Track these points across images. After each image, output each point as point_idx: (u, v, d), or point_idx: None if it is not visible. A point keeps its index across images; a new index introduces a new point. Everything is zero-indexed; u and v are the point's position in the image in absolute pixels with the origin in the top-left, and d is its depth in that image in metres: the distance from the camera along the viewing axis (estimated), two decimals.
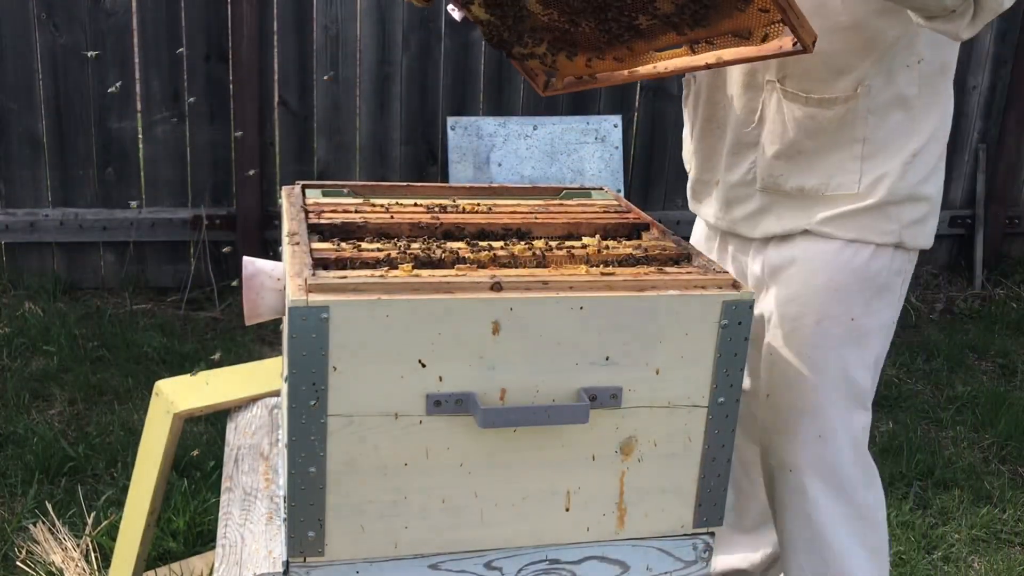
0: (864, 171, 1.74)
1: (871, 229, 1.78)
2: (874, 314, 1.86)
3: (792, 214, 1.81)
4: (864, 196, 1.76)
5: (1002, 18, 4.96)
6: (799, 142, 1.76)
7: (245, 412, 2.11)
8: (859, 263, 1.80)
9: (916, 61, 1.72)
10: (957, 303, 4.97)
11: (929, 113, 1.77)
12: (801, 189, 1.79)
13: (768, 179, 1.82)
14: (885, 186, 1.75)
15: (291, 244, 1.52)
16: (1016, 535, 3.13)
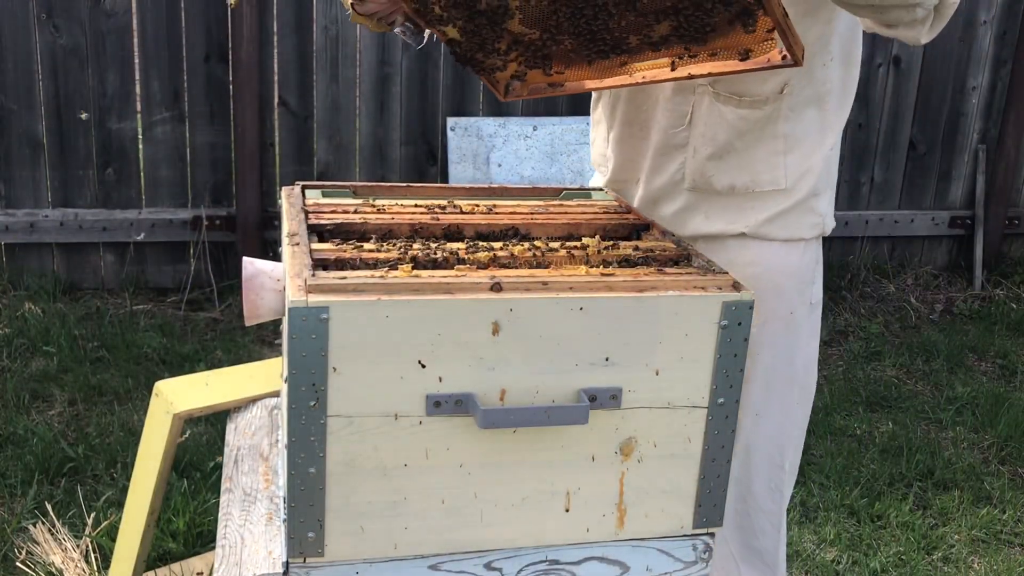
0: (788, 166, 1.78)
1: (801, 224, 1.82)
2: (807, 303, 1.88)
3: (722, 214, 1.82)
4: (792, 192, 1.80)
5: (1002, 18, 4.96)
6: (730, 142, 1.78)
7: (245, 412, 2.11)
8: (794, 260, 1.84)
9: (830, 59, 1.76)
10: (957, 304, 4.97)
11: (840, 108, 1.82)
12: (732, 187, 1.80)
13: (699, 179, 1.82)
14: (809, 182, 1.80)
15: (291, 245, 1.52)
16: (1016, 536, 3.13)
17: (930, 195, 5.18)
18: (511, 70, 1.73)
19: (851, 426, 3.73)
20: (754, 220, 1.81)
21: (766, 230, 1.81)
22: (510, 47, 1.67)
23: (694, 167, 1.81)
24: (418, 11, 1.66)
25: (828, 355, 4.38)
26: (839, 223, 5.03)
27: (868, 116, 4.98)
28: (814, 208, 1.83)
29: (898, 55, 4.91)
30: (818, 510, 3.18)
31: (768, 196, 1.80)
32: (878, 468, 3.43)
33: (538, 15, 1.58)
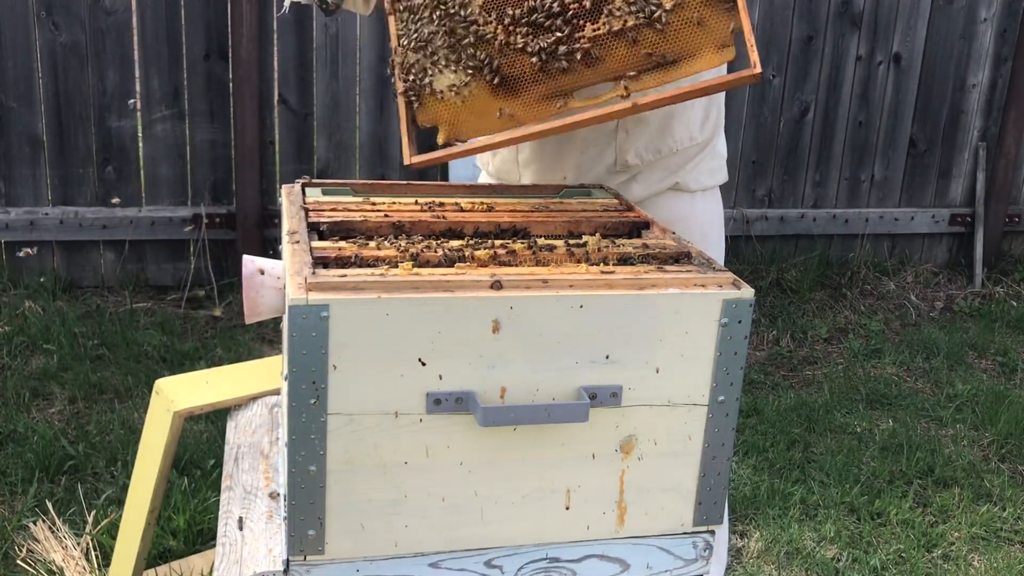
0: (699, 121, 2.00)
1: (713, 170, 2.05)
2: (723, 251, 2.11)
3: (655, 176, 2.00)
4: (704, 142, 2.02)
5: (1002, 16, 4.96)
6: (655, 118, 1.95)
7: (245, 410, 2.11)
8: (712, 208, 2.07)
9: None
10: (957, 301, 4.97)
11: None
12: (659, 152, 1.98)
13: (632, 158, 1.99)
14: (710, 126, 2.03)
15: (291, 243, 1.52)
16: (1016, 533, 3.13)
17: (930, 193, 5.18)
18: (449, 80, 1.60)
19: (851, 424, 3.73)
20: (681, 174, 2.01)
21: (688, 180, 2.01)
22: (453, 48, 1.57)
23: (625, 148, 1.97)
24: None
25: (828, 352, 4.38)
26: (839, 220, 5.08)
27: (868, 114, 4.97)
28: (717, 149, 2.06)
29: (898, 52, 4.91)
30: (818, 508, 3.18)
31: (686, 150, 2.00)
32: (878, 466, 3.43)
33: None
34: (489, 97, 1.59)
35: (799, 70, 4.83)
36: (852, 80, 4.91)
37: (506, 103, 1.59)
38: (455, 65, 1.56)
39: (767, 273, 4.87)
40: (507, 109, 1.59)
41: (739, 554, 2.95)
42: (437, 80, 1.58)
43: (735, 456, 3.40)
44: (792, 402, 3.85)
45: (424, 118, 1.63)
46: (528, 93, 1.58)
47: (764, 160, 4.91)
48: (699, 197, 2.06)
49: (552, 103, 1.59)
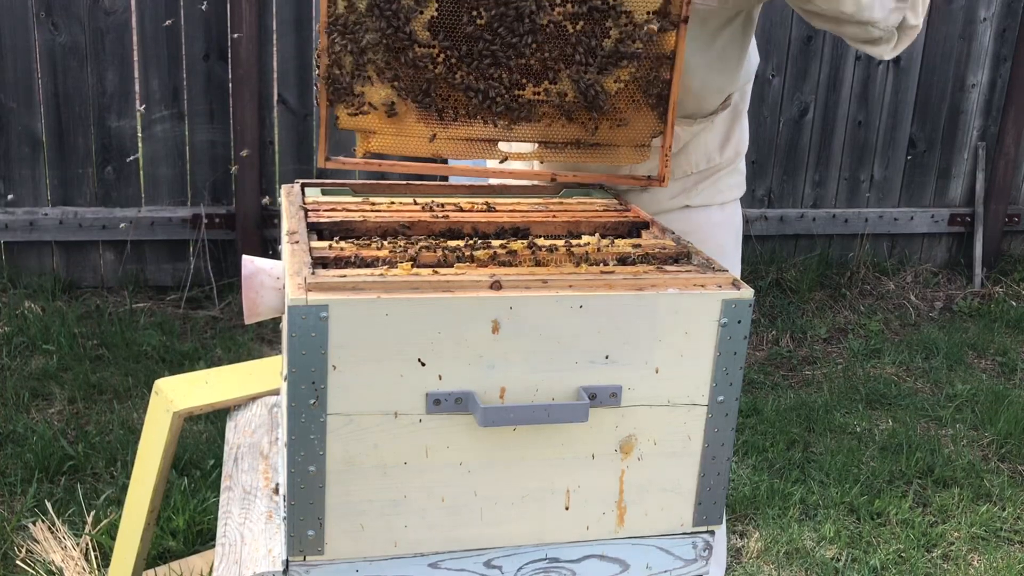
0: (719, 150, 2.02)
1: (731, 185, 2.06)
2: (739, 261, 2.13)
3: (670, 191, 1.99)
4: (725, 163, 2.03)
5: (1002, 15, 4.96)
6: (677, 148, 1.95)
7: (245, 411, 2.11)
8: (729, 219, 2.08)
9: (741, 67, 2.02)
10: (956, 301, 4.97)
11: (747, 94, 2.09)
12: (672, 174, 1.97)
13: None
14: (733, 149, 2.04)
15: (290, 243, 1.52)
16: (1016, 533, 3.13)
17: (930, 193, 5.18)
18: (381, 94, 1.53)
19: (851, 424, 3.73)
20: (696, 191, 2.00)
21: (706, 197, 2.01)
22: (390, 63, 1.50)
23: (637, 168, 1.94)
24: None
25: (828, 352, 4.38)
26: (839, 220, 5.07)
27: (868, 114, 4.98)
28: (738, 167, 2.07)
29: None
30: (818, 508, 3.18)
31: (703, 172, 2.00)
32: (878, 466, 3.43)
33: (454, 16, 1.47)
34: (415, 121, 1.54)
35: (798, 70, 4.83)
36: (851, 80, 4.91)
37: (431, 131, 1.55)
38: (389, 82, 1.51)
39: (767, 273, 4.87)
40: (433, 136, 1.55)
41: (739, 554, 2.95)
42: (369, 91, 1.51)
43: (735, 456, 3.40)
44: (792, 402, 3.85)
45: (346, 123, 1.55)
46: (455, 129, 1.53)
47: (764, 160, 4.91)
48: (715, 211, 2.05)
49: (475, 145, 1.56)
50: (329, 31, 1.46)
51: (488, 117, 1.53)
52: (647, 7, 1.50)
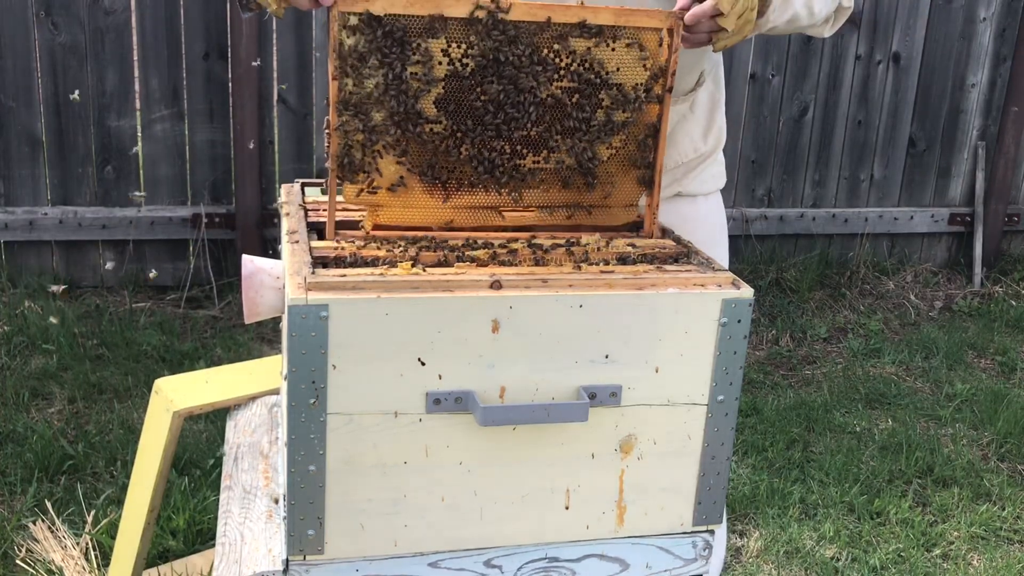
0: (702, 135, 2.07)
1: (715, 175, 2.10)
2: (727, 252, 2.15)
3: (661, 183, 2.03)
4: (708, 152, 2.08)
5: (1002, 15, 4.96)
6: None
7: (245, 410, 2.11)
8: (715, 210, 2.12)
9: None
10: (956, 301, 4.98)
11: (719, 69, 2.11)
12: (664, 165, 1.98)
13: None
14: (713, 138, 2.08)
15: (291, 242, 1.52)
16: (1015, 532, 3.14)
17: (929, 192, 5.18)
18: (390, 172, 1.57)
19: (850, 423, 3.73)
20: (684, 182, 2.05)
21: (692, 187, 2.06)
22: (399, 140, 1.55)
23: None
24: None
25: (828, 352, 4.38)
26: (839, 220, 5.08)
27: (867, 113, 4.98)
28: (719, 158, 2.12)
29: (898, 52, 4.91)
30: (817, 507, 3.18)
31: (690, 161, 2.06)
32: (877, 465, 3.44)
33: (461, 93, 1.55)
34: (421, 192, 1.60)
35: (798, 69, 4.83)
36: (851, 79, 4.91)
37: (437, 202, 1.61)
38: (397, 158, 1.56)
39: (766, 272, 4.87)
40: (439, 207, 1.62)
41: (738, 553, 2.95)
42: (378, 169, 1.56)
43: (734, 455, 3.40)
44: (791, 401, 3.85)
45: (354, 200, 1.59)
46: (460, 198, 1.61)
47: (763, 160, 4.91)
48: (702, 201, 2.09)
49: (479, 212, 1.64)
50: (340, 111, 1.52)
51: (491, 185, 1.61)
52: (635, 80, 1.62)
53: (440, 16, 1.51)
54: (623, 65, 1.61)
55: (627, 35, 1.59)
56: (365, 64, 1.50)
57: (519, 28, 1.54)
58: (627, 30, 1.59)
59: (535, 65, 1.56)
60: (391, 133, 1.54)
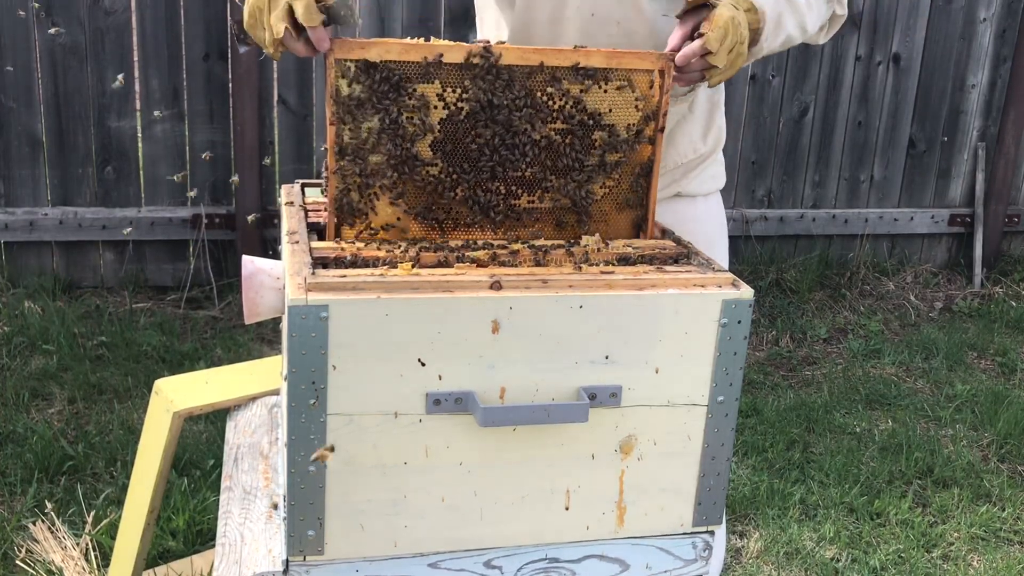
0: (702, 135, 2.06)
1: (715, 175, 2.10)
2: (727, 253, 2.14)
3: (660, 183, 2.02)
4: (708, 152, 2.08)
5: (1002, 16, 4.96)
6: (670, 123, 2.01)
7: (245, 411, 2.11)
8: (714, 211, 2.11)
9: None
10: (956, 302, 4.98)
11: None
12: (664, 166, 2.03)
13: None
14: (713, 138, 2.08)
15: (291, 243, 1.52)
16: (1015, 533, 3.13)
17: (930, 193, 5.18)
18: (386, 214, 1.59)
19: (851, 424, 3.73)
20: (683, 182, 2.05)
21: (692, 187, 2.05)
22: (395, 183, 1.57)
23: None
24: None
25: (828, 352, 4.38)
26: (839, 221, 5.08)
27: (868, 114, 4.98)
28: (719, 158, 2.12)
29: (898, 52, 4.92)
30: (818, 508, 3.18)
31: (690, 162, 2.05)
32: (878, 466, 3.44)
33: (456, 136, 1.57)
34: (417, 232, 1.62)
35: (798, 70, 4.83)
36: (851, 80, 4.91)
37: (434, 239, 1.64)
38: (392, 200, 1.58)
39: (766, 273, 4.87)
40: None
41: (738, 554, 2.95)
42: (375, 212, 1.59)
43: (734, 456, 3.40)
44: (791, 402, 3.85)
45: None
46: (455, 238, 1.63)
47: (763, 160, 4.91)
48: (701, 201, 2.09)
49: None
50: (337, 156, 1.54)
51: (487, 225, 1.63)
52: (628, 120, 1.64)
53: (435, 62, 1.53)
54: (615, 106, 1.63)
55: (619, 77, 1.62)
56: (362, 109, 1.53)
57: (513, 72, 1.57)
58: (619, 72, 1.62)
59: (529, 108, 1.58)
60: (388, 176, 1.56)
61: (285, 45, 1.50)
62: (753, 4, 1.70)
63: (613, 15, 1.84)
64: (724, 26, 1.61)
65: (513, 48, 1.56)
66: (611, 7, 1.84)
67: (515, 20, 1.89)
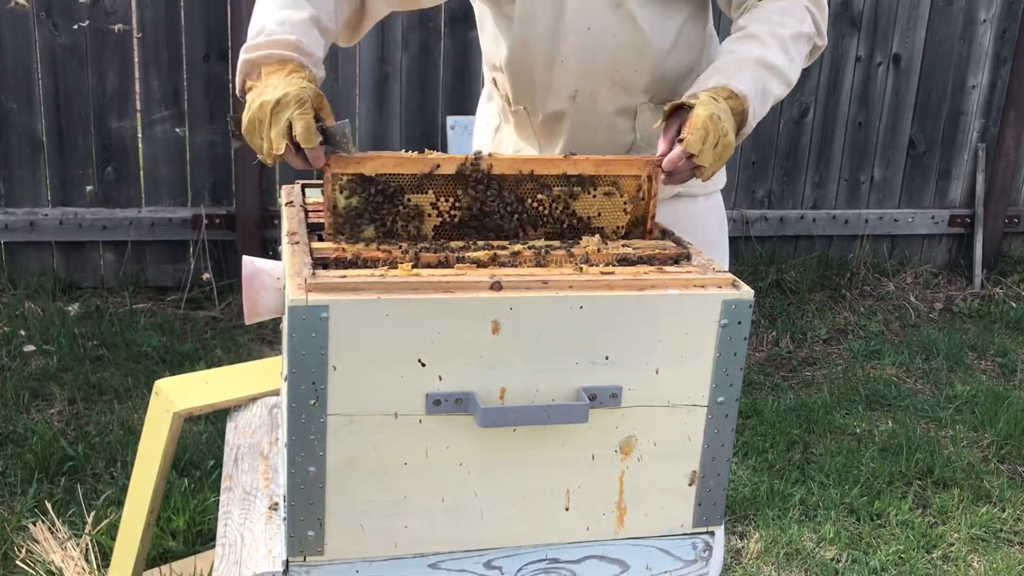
0: None
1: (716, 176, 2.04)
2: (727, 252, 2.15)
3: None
4: None
5: (1002, 17, 4.96)
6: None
7: (245, 411, 2.11)
8: (714, 210, 2.11)
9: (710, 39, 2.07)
10: (956, 302, 4.98)
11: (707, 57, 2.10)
12: None
13: None
14: None
15: (291, 243, 1.52)
16: (1015, 534, 3.13)
17: (930, 194, 5.19)
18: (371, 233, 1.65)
19: (851, 424, 3.73)
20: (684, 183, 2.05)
21: (693, 188, 2.03)
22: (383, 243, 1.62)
23: None
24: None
25: (828, 353, 4.38)
26: (839, 221, 5.08)
27: (868, 114, 4.98)
28: None
29: (898, 53, 4.92)
30: (818, 508, 3.18)
31: None
32: (878, 467, 3.44)
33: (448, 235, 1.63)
34: None
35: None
36: (852, 81, 4.91)
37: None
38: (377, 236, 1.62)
39: (767, 274, 4.87)
40: None
41: (738, 555, 2.95)
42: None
43: (734, 457, 3.40)
44: (791, 403, 3.85)
45: None
46: None
47: (764, 161, 4.91)
48: (701, 201, 2.08)
49: None
50: (333, 228, 1.59)
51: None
52: (616, 223, 1.68)
53: (429, 174, 1.57)
54: (604, 210, 1.67)
55: (606, 183, 1.66)
56: (359, 220, 1.58)
57: (503, 180, 1.61)
58: (606, 178, 1.65)
59: (519, 214, 1.63)
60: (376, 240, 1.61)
61: (283, 158, 1.55)
62: (733, 91, 1.71)
63: (609, 28, 1.85)
64: (703, 127, 1.62)
65: (503, 159, 1.61)
66: (607, 21, 1.85)
67: (513, 35, 1.90)
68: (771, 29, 1.80)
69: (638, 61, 1.89)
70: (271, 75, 1.58)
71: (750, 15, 1.85)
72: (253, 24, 1.66)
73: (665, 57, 1.92)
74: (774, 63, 1.77)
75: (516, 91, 1.99)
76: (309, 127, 1.51)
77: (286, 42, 1.61)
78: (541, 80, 1.93)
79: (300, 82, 1.55)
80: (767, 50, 1.77)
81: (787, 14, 1.82)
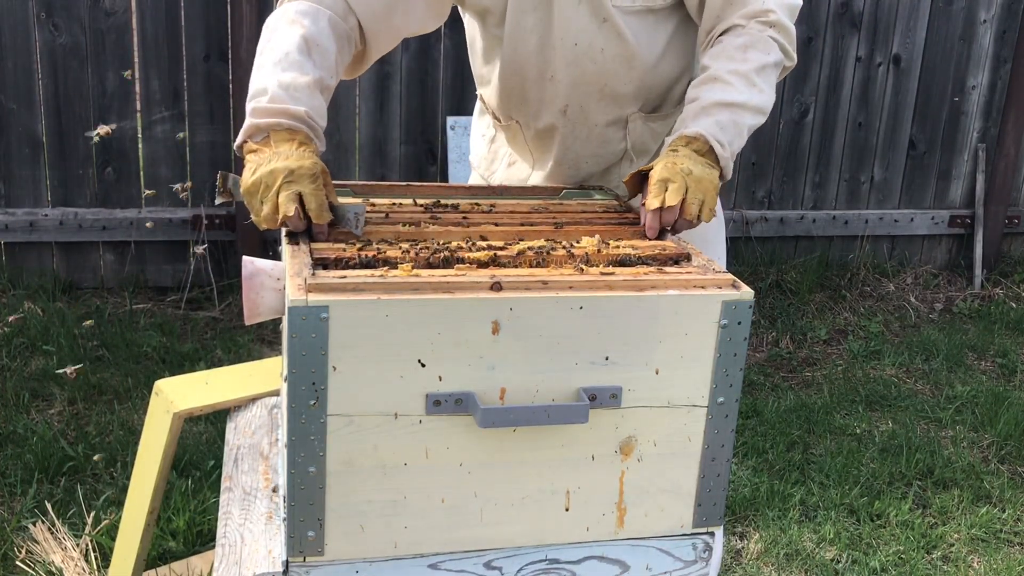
0: None
1: None
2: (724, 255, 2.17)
3: None
4: None
5: (1002, 17, 4.96)
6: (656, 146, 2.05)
7: (245, 412, 2.11)
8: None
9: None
10: (956, 303, 4.98)
11: None
12: None
13: None
14: None
15: (291, 244, 1.52)
16: (1016, 535, 3.13)
17: (930, 194, 5.18)
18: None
19: (851, 425, 3.73)
20: None
21: None
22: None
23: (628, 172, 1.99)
24: None
25: (828, 354, 4.38)
26: (839, 222, 5.08)
27: (868, 115, 4.98)
28: None
29: (898, 54, 4.92)
30: (818, 509, 3.18)
31: None
32: (878, 467, 3.44)
33: None
34: None
35: (798, 71, 4.83)
36: (852, 81, 4.91)
37: None
38: None
39: (766, 274, 4.87)
40: None
41: (738, 555, 2.95)
42: None
43: (734, 457, 3.40)
44: (791, 403, 3.85)
45: None
46: None
47: (764, 161, 4.91)
48: None
49: None
50: None
51: None
52: None
53: None
54: None
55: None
56: None
57: None
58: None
59: None
60: None
61: (284, 222, 1.56)
62: (687, 136, 1.74)
63: (596, 43, 1.87)
64: (658, 182, 1.67)
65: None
66: (593, 36, 1.87)
67: (504, 51, 1.93)
68: (733, 67, 1.80)
69: (626, 73, 1.91)
70: (281, 143, 1.60)
71: (712, 52, 1.85)
72: (256, 81, 1.66)
73: (654, 68, 1.94)
74: (736, 100, 1.78)
75: (508, 107, 2.02)
76: (323, 205, 1.56)
77: (295, 114, 1.62)
78: (532, 96, 1.96)
79: (312, 157, 1.59)
80: (727, 89, 1.79)
81: (750, 49, 1.83)
